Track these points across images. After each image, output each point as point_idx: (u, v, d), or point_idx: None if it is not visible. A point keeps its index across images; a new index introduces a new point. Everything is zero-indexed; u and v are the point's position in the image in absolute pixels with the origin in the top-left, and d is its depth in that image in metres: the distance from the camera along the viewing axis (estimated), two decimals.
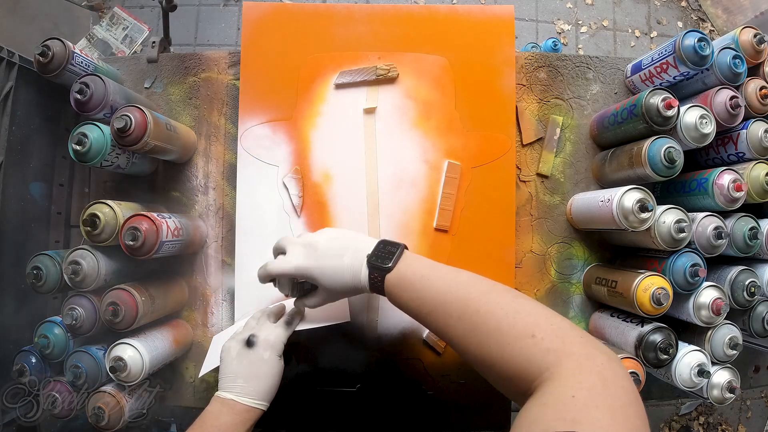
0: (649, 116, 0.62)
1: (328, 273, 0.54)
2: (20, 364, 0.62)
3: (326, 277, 0.54)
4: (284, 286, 0.58)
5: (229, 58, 0.77)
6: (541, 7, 1.86)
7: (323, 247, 0.55)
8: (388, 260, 0.51)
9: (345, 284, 0.54)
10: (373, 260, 0.52)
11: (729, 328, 0.65)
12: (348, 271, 0.53)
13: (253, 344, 0.56)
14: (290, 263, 0.55)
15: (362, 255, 0.53)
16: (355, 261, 0.53)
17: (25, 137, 0.70)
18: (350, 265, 0.53)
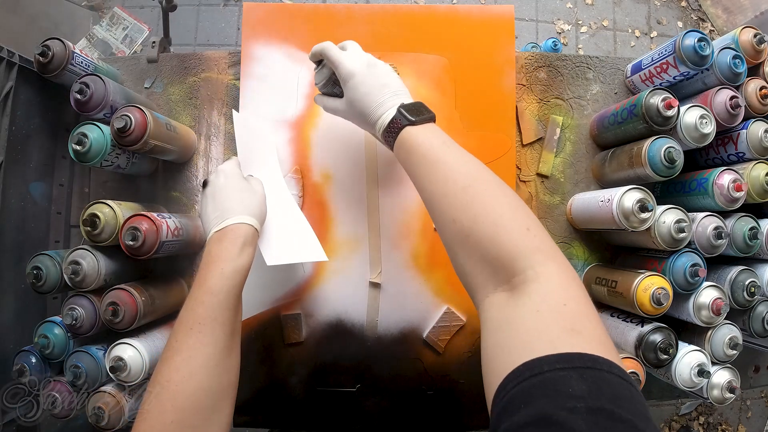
0: (649, 116, 0.62)
1: (363, 90, 0.54)
2: (20, 364, 0.62)
3: (360, 93, 0.54)
4: (322, 74, 0.59)
5: (229, 58, 0.77)
6: (541, 7, 1.86)
7: (378, 71, 0.55)
8: (416, 116, 0.51)
9: (367, 112, 0.54)
10: (404, 108, 0.52)
11: (729, 328, 0.65)
12: (378, 102, 0.54)
13: (207, 182, 0.58)
14: (347, 59, 0.55)
15: (398, 100, 0.53)
16: (390, 99, 0.53)
17: (25, 137, 0.70)
18: (383, 98, 0.53)
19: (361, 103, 0.55)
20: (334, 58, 0.56)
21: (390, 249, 0.71)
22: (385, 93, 0.54)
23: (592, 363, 0.30)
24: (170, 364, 0.45)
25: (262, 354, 0.71)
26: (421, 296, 0.71)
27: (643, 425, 0.27)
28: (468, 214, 0.43)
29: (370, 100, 0.54)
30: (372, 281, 0.70)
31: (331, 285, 0.71)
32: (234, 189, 0.57)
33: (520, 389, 0.30)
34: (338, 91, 0.59)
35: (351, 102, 0.56)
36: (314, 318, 0.71)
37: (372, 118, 0.54)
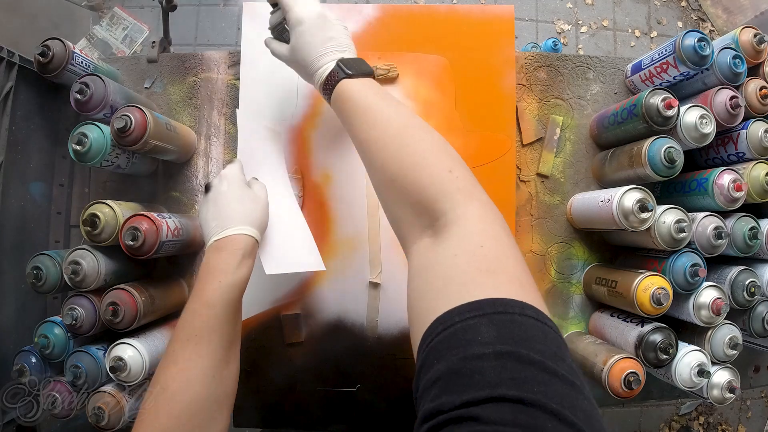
0: (649, 116, 0.62)
1: (307, 39, 0.54)
2: (20, 364, 0.62)
3: (303, 41, 0.54)
4: (275, 17, 0.59)
5: (229, 58, 0.77)
6: (541, 7, 1.86)
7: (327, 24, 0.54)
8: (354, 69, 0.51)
9: (308, 61, 0.54)
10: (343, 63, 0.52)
11: (729, 328, 0.65)
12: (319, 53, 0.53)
13: (210, 188, 0.57)
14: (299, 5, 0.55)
15: (340, 54, 0.53)
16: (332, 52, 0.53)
17: (25, 137, 0.70)
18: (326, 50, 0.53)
19: (303, 51, 0.54)
20: (286, 2, 0.55)
21: (390, 249, 0.71)
22: (328, 46, 0.53)
23: (503, 307, 0.30)
24: (167, 372, 0.45)
25: (262, 354, 0.71)
26: None
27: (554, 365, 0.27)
28: (396, 158, 0.43)
29: (311, 49, 0.53)
30: (372, 281, 0.70)
31: (331, 285, 0.71)
32: (235, 197, 0.55)
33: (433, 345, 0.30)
34: (287, 38, 0.58)
35: (294, 49, 0.55)
36: (314, 318, 0.71)
37: (311, 68, 0.54)
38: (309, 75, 0.55)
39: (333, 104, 0.53)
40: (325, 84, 0.52)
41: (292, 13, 0.55)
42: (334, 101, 0.52)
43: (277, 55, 0.59)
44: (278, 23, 0.59)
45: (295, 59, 0.56)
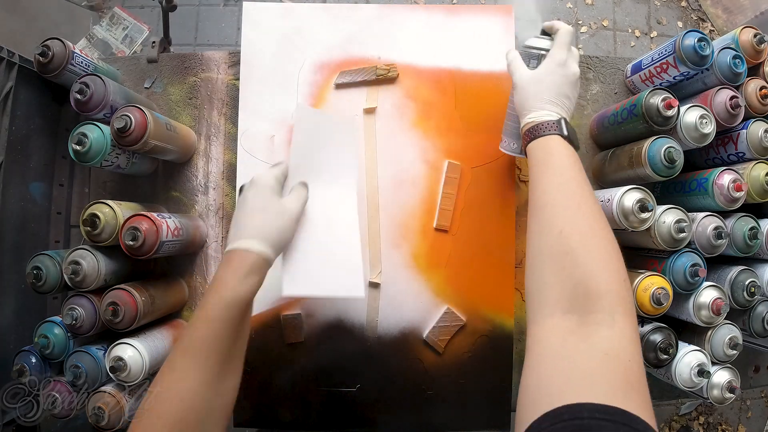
0: (649, 116, 0.62)
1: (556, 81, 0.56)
2: (20, 364, 0.62)
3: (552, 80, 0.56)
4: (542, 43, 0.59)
5: (229, 58, 0.77)
6: (541, 7, 1.86)
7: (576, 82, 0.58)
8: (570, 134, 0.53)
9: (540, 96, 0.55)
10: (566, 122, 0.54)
11: (729, 328, 0.65)
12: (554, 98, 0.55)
13: (241, 191, 0.56)
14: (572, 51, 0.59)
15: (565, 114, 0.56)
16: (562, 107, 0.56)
17: (25, 137, 0.70)
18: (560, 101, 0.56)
19: (544, 87, 0.56)
20: (564, 42, 0.57)
21: (390, 249, 0.71)
22: (564, 101, 0.56)
23: (629, 421, 0.30)
24: (165, 378, 0.45)
25: (262, 354, 0.70)
26: (421, 296, 0.71)
27: None
28: (579, 235, 0.43)
29: (552, 91, 0.55)
30: (372, 281, 0.70)
31: None
32: (258, 207, 0.52)
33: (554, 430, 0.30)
34: (530, 64, 0.59)
35: (537, 79, 0.56)
36: (314, 318, 0.71)
37: (536, 105, 0.55)
38: (528, 109, 0.56)
39: (532, 149, 0.53)
40: (535, 127, 0.54)
41: (560, 54, 0.57)
42: (536, 148, 0.53)
43: (511, 69, 0.60)
44: (537, 48, 0.59)
45: (528, 87, 0.57)
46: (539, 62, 0.58)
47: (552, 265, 0.43)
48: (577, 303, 0.39)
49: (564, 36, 0.57)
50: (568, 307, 0.39)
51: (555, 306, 0.40)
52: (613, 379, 0.34)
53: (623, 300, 0.39)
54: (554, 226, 0.45)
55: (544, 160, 0.51)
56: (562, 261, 0.42)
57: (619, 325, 0.37)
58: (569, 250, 0.42)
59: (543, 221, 0.46)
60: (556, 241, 0.44)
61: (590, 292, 0.39)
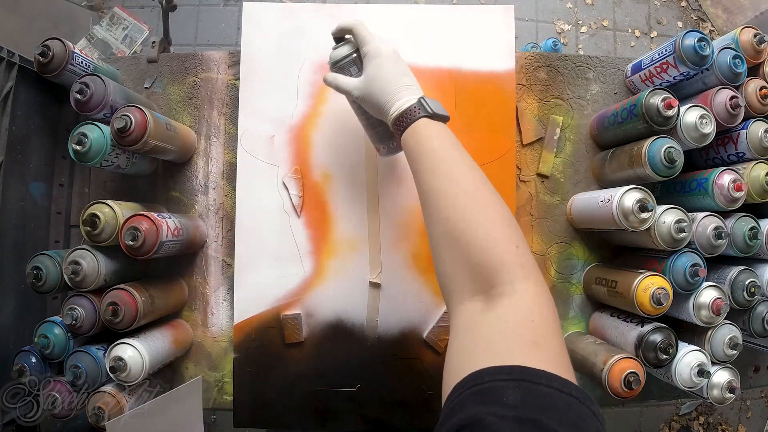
0: (649, 116, 0.62)
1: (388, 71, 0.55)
2: (20, 364, 0.62)
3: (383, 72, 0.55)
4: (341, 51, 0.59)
5: (229, 58, 0.77)
6: (541, 7, 1.86)
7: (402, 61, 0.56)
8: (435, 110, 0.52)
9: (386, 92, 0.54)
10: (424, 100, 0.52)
11: (729, 328, 0.65)
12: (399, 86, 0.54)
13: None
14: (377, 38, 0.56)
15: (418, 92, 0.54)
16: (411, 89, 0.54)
17: (25, 137, 0.70)
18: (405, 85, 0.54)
19: (382, 82, 0.54)
20: (364, 35, 0.56)
21: (390, 249, 0.71)
22: (406, 81, 0.55)
23: (531, 377, 0.31)
24: None
25: (262, 354, 0.71)
26: (421, 296, 0.71)
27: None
28: (464, 216, 0.43)
29: (392, 82, 0.54)
30: (372, 281, 0.70)
31: (331, 285, 0.71)
32: None
33: (460, 398, 0.32)
34: (352, 72, 0.58)
35: (371, 80, 0.55)
36: (314, 318, 0.71)
37: (390, 100, 0.54)
38: (382, 107, 0.55)
39: (405, 141, 0.52)
40: (400, 118, 0.52)
41: (370, 46, 0.55)
42: (408, 138, 0.52)
43: (342, 88, 0.58)
44: (345, 56, 0.58)
45: (370, 91, 0.55)
46: (358, 67, 0.58)
47: (448, 252, 0.44)
48: (479, 283, 0.40)
49: (359, 30, 0.56)
50: (474, 289, 0.41)
51: (462, 292, 0.41)
52: (513, 340, 0.36)
53: (520, 265, 0.40)
54: (440, 212, 0.45)
55: (416, 148, 0.50)
56: (456, 246, 0.43)
57: (519, 291, 0.39)
58: (458, 234, 0.43)
59: (431, 210, 0.47)
60: (444, 229, 0.44)
61: (486, 269, 0.40)
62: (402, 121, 0.52)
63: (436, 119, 0.52)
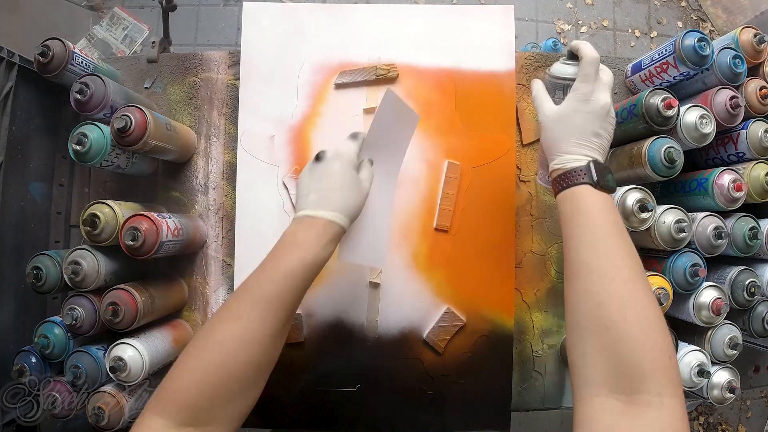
0: (649, 116, 0.62)
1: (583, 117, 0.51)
2: (20, 364, 0.62)
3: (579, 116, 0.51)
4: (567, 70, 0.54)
5: (229, 58, 0.77)
6: (541, 7, 1.86)
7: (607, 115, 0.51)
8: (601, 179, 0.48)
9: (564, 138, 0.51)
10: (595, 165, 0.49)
11: (729, 328, 0.65)
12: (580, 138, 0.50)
13: (322, 158, 0.54)
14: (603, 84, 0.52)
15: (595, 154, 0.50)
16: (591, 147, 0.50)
17: (25, 137, 0.70)
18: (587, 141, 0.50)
19: (570, 125, 0.51)
20: (590, 73, 0.51)
21: (390, 249, 0.71)
22: (593, 140, 0.50)
23: None
24: (228, 327, 0.45)
25: None
26: (421, 296, 0.71)
27: None
28: (620, 308, 0.41)
29: (578, 132, 0.50)
30: (372, 281, 0.70)
31: (331, 285, 0.71)
32: (343, 183, 0.53)
33: None
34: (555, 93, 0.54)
35: (563, 116, 0.51)
36: (314, 318, 0.71)
37: (562, 148, 0.51)
38: (551, 149, 0.52)
39: (561, 201, 0.50)
40: (563, 175, 0.49)
41: (587, 85, 0.51)
42: (565, 200, 0.49)
43: (536, 102, 0.55)
44: (566, 77, 0.53)
45: (552, 125, 0.52)
46: (565, 93, 0.53)
47: (593, 339, 0.42)
48: (624, 382, 0.39)
49: (587, 66, 0.51)
50: (614, 386, 0.39)
51: (601, 384, 0.40)
52: None
53: (670, 379, 0.39)
54: (592, 295, 0.43)
55: (573, 215, 0.48)
56: (604, 336, 0.41)
57: (668, 407, 0.37)
58: (610, 324, 0.41)
59: (580, 289, 0.44)
60: (595, 313, 0.42)
61: (635, 372, 0.39)
62: (563, 179, 0.49)
63: (600, 189, 0.48)
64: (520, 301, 0.74)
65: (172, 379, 0.43)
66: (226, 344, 0.44)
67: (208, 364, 0.43)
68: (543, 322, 0.74)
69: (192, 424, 0.41)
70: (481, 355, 0.71)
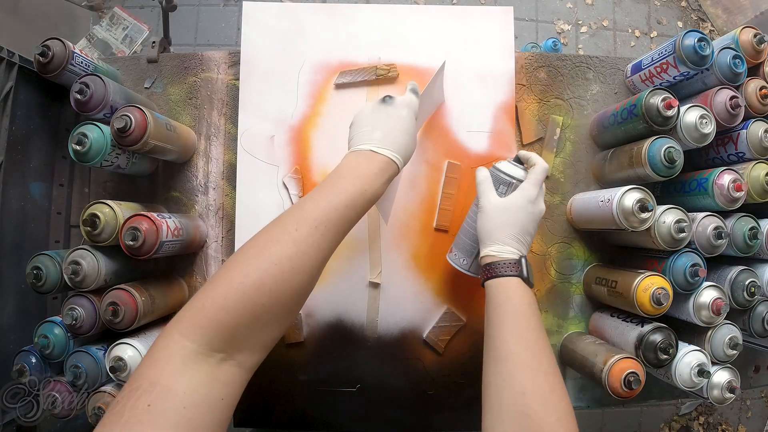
0: (649, 116, 0.62)
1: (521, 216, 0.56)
2: (20, 364, 0.62)
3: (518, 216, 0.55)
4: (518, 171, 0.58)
5: (229, 58, 0.77)
6: (541, 7, 1.86)
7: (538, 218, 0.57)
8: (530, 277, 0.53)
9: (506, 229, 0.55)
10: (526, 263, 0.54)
11: (729, 328, 0.65)
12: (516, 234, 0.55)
13: (390, 102, 0.56)
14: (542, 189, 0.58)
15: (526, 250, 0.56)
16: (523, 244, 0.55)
17: (25, 137, 0.70)
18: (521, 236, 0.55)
19: (510, 221, 0.55)
20: (539, 180, 0.57)
21: (390, 249, 0.71)
22: (527, 239, 0.56)
23: None
24: (285, 249, 0.43)
25: None
26: (421, 296, 0.71)
27: None
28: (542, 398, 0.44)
29: (516, 229, 0.55)
30: (372, 281, 0.70)
31: (331, 285, 0.71)
32: (408, 129, 0.55)
33: None
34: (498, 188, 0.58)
35: (503, 210, 0.56)
36: (314, 318, 0.71)
37: (499, 239, 0.55)
38: (487, 238, 0.55)
39: (490, 288, 0.53)
40: (496, 264, 0.53)
41: (536, 190, 0.56)
42: (495, 288, 0.52)
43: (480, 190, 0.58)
44: (512, 177, 0.58)
45: (493, 216, 0.56)
46: (508, 189, 0.58)
47: (513, 425, 0.44)
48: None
49: (539, 173, 0.57)
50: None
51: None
52: None
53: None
54: (515, 384, 0.45)
55: (502, 304, 0.51)
56: (524, 423, 0.43)
57: None
58: (531, 413, 0.43)
59: (504, 375, 0.47)
60: (517, 401, 0.44)
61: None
62: (495, 268, 0.53)
63: (527, 283, 0.53)
64: None
65: (213, 297, 0.40)
66: (283, 266, 0.42)
67: (262, 285, 0.41)
68: (543, 322, 0.74)
69: (224, 350, 0.39)
70: (481, 355, 0.71)
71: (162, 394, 0.35)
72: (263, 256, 0.43)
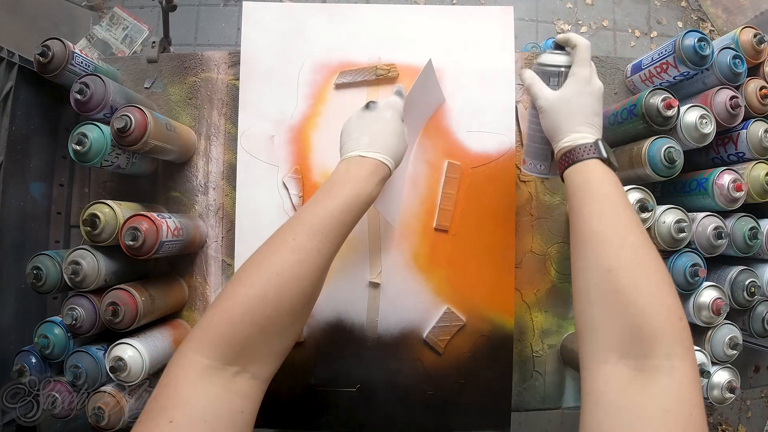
0: (649, 116, 0.62)
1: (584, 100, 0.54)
2: (20, 364, 0.62)
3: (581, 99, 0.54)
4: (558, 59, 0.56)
5: (229, 58, 0.77)
6: (541, 7, 1.86)
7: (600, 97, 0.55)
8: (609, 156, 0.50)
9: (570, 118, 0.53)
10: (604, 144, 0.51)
11: (729, 328, 0.65)
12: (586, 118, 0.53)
13: (373, 107, 0.57)
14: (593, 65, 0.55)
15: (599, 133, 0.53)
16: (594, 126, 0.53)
17: (25, 137, 0.70)
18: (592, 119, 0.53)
19: (574, 108, 0.53)
20: (585, 57, 0.54)
21: (390, 249, 0.71)
22: (594, 120, 0.53)
23: None
24: (285, 258, 0.44)
25: None
26: (421, 296, 0.71)
27: None
28: (630, 272, 0.41)
29: (582, 113, 0.53)
30: (372, 281, 0.70)
31: (331, 285, 0.71)
32: (394, 131, 0.56)
33: None
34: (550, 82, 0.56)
35: (565, 101, 0.53)
36: (314, 318, 0.71)
37: (570, 128, 0.52)
38: (558, 130, 0.53)
39: (569, 176, 0.51)
40: (572, 151, 0.51)
41: (585, 71, 0.54)
42: (574, 174, 0.50)
43: (533, 91, 0.56)
44: (557, 65, 0.56)
45: (557, 109, 0.54)
46: (559, 80, 0.55)
47: (602, 305, 0.41)
48: (632, 348, 0.38)
49: (584, 51, 0.54)
50: (623, 352, 0.38)
51: (609, 351, 0.39)
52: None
53: (680, 341, 0.38)
54: (601, 262, 0.43)
55: (582, 187, 0.49)
56: (613, 301, 0.41)
57: (679, 371, 0.37)
58: (619, 288, 0.41)
59: (588, 256, 0.44)
60: (603, 279, 0.42)
61: (645, 336, 0.38)
62: (573, 154, 0.51)
63: (607, 164, 0.50)
64: (520, 301, 0.74)
65: (220, 312, 0.41)
66: (284, 275, 0.43)
67: (265, 296, 0.42)
68: (543, 322, 0.74)
69: (237, 363, 0.40)
70: (481, 355, 0.71)
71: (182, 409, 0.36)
72: (264, 267, 0.44)
